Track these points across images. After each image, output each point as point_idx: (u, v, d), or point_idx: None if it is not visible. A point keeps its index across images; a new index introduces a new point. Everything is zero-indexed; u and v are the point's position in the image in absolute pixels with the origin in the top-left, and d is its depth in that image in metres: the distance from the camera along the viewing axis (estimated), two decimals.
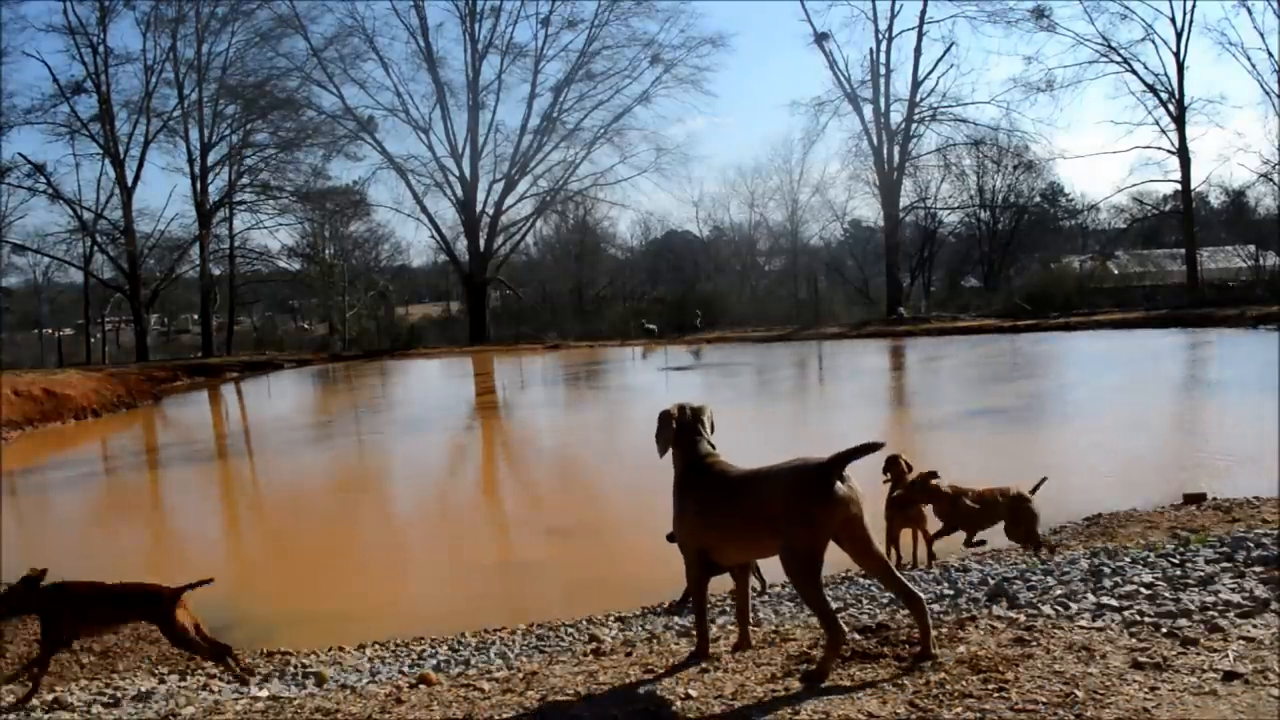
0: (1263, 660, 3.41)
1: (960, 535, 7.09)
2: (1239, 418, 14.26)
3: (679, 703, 3.52)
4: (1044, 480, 7.12)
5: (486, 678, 4.24)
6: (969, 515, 6.93)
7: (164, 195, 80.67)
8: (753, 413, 18.65)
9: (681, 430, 4.08)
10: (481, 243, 43.93)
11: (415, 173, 43.58)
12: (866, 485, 3.79)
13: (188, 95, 39.56)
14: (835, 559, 3.92)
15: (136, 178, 39.13)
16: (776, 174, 50.25)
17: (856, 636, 4.05)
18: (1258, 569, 4.55)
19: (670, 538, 4.26)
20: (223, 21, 39.59)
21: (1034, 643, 3.78)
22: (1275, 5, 36.73)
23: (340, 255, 46.59)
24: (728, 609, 5.16)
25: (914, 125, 42.82)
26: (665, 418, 4.13)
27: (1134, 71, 38.92)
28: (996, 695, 3.27)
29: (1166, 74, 38.44)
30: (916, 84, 42.09)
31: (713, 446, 4.09)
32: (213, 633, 7.33)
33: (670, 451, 4.12)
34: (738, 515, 3.79)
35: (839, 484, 3.54)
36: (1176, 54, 37.93)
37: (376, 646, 6.45)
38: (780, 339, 35.74)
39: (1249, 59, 41.51)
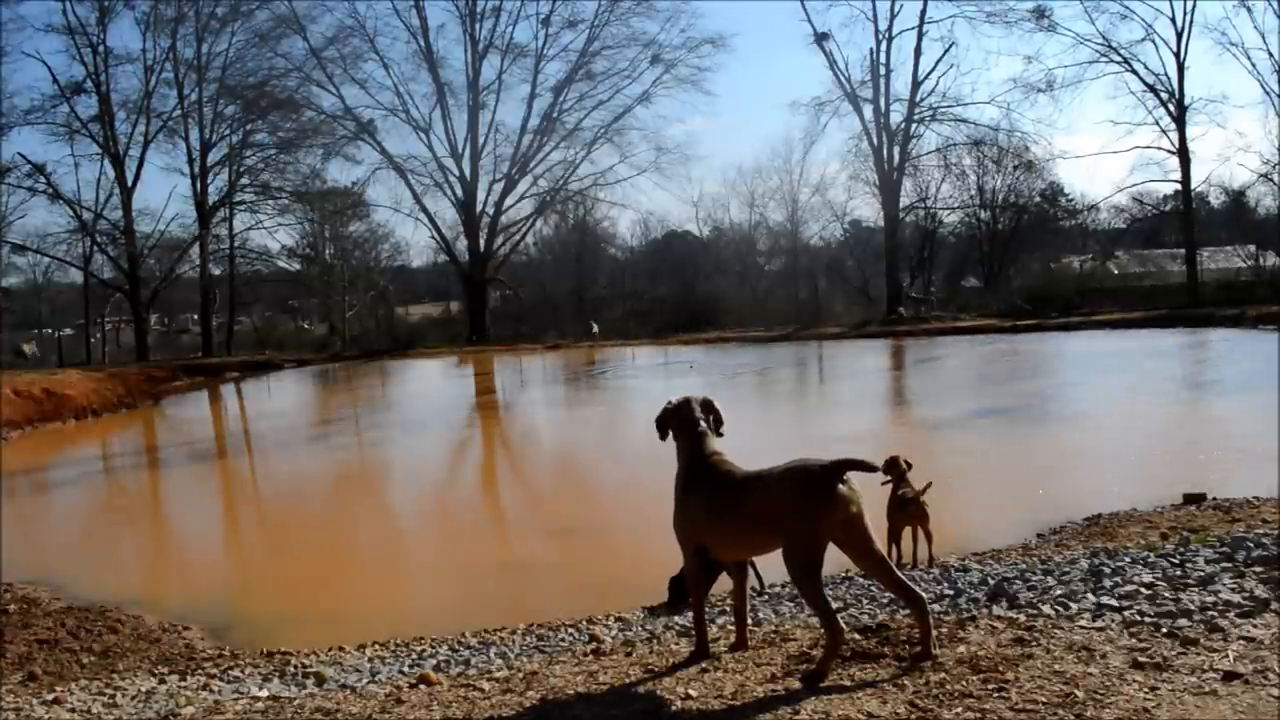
0: (1263, 660, 3.41)
1: (959, 534, 7.09)
2: (1239, 418, 14.26)
3: (679, 703, 3.52)
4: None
5: (486, 678, 4.24)
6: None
7: (164, 195, 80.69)
8: (754, 413, 18.64)
9: (686, 425, 4.08)
10: (481, 242, 43.95)
11: (415, 173, 43.70)
12: (867, 485, 3.80)
13: (188, 95, 39.67)
14: (837, 559, 3.92)
15: (136, 178, 39.25)
16: (776, 174, 50.08)
17: (856, 636, 4.05)
18: (1258, 569, 4.55)
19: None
20: (222, 21, 39.67)
21: (1034, 643, 3.78)
22: (1275, 5, 36.65)
23: (340, 255, 46.59)
24: (727, 609, 5.16)
25: (914, 125, 42.92)
26: (669, 410, 4.14)
27: (1134, 71, 39.00)
28: (996, 695, 3.27)
29: (1166, 74, 38.53)
30: (916, 84, 42.18)
31: (719, 436, 4.12)
32: (214, 632, 7.36)
33: (675, 446, 4.13)
34: (740, 514, 3.80)
35: (840, 485, 3.58)
36: (1176, 54, 38.00)
37: (376, 646, 6.44)
38: (780, 339, 35.74)
39: (1249, 59, 41.40)
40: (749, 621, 4.34)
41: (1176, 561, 4.90)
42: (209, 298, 41.31)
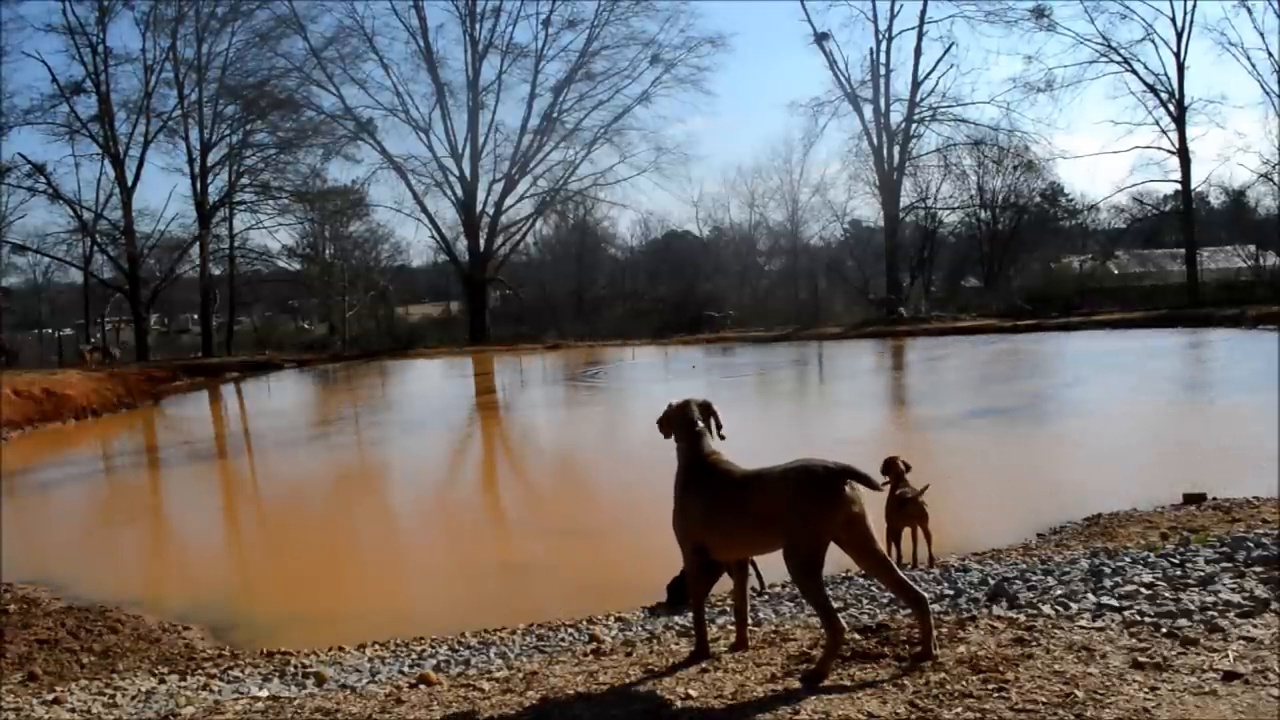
0: (1263, 660, 3.41)
1: (959, 534, 7.09)
2: (1239, 418, 14.26)
3: (679, 703, 3.52)
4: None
5: (486, 678, 4.24)
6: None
7: (164, 195, 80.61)
8: (754, 413, 18.64)
9: (686, 426, 4.10)
10: (481, 243, 43.92)
11: (415, 173, 43.64)
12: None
13: (188, 95, 39.60)
14: (837, 559, 3.92)
15: (136, 178, 39.19)
16: (776, 174, 49.95)
17: (856, 636, 4.05)
18: (1258, 569, 4.55)
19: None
20: (222, 21, 39.61)
21: (1034, 643, 3.78)
22: (1275, 5, 36.63)
23: (340, 255, 46.58)
24: (728, 609, 5.16)
25: (914, 125, 42.88)
26: (670, 412, 4.16)
27: (1134, 71, 38.96)
28: (996, 695, 3.27)
29: (1166, 74, 38.48)
30: (916, 84, 42.15)
31: (721, 439, 4.14)
32: (215, 632, 7.36)
33: (675, 446, 4.14)
34: (740, 514, 3.81)
35: (843, 486, 3.59)
36: (1176, 54, 37.96)
37: (376, 646, 6.45)
38: (780, 339, 35.75)
39: (1249, 59, 41.23)
40: (749, 621, 4.34)
41: (1176, 561, 4.90)
42: (209, 298, 41.29)
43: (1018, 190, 45.94)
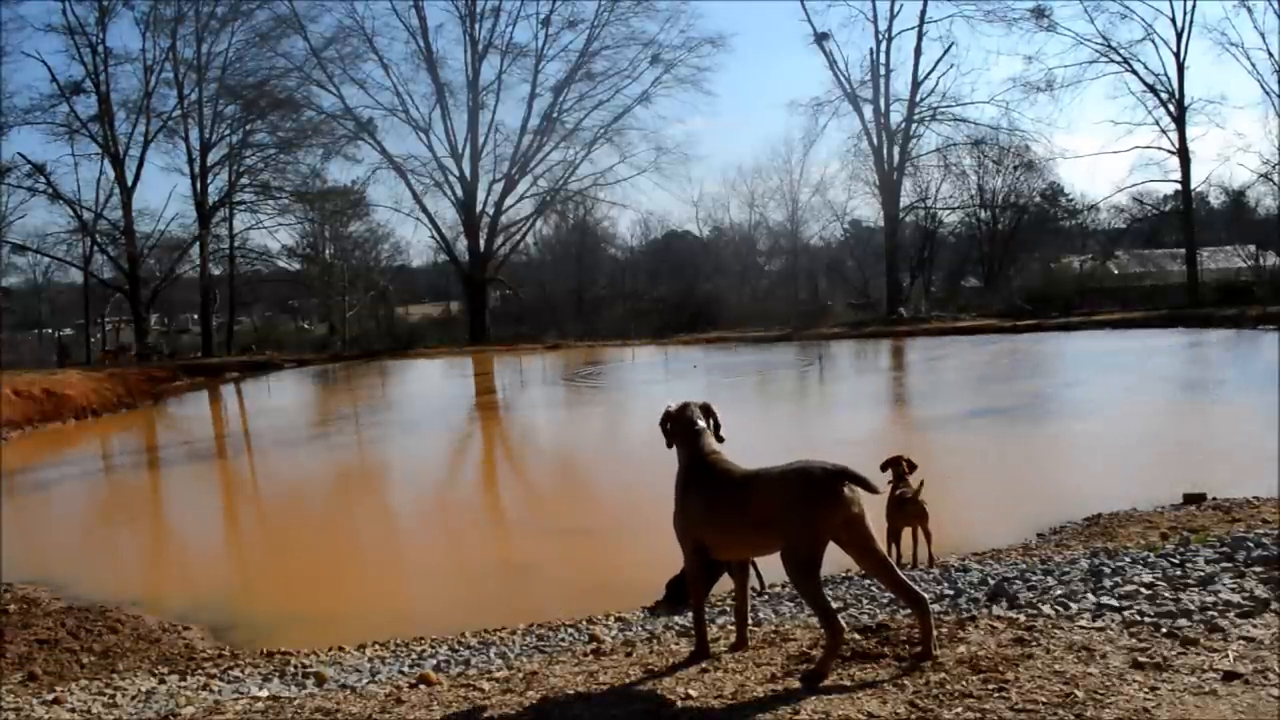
0: (1263, 660, 3.41)
1: (959, 534, 7.08)
2: (1239, 418, 14.26)
3: (679, 703, 3.52)
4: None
5: (486, 678, 4.23)
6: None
7: (164, 195, 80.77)
8: (754, 413, 18.64)
9: (684, 427, 4.10)
10: (481, 242, 43.95)
11: (415, 173, 43.73)
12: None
13: (188, 95, 39.66)
14: (838, 559, 3.92)
15: (136, 178, 39.26)
16: (776, 174, 50.29)
17: (856, 636, 4.05)
18: (1258, 569, 4.54)
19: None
20: (222, 21, 39.67)
21: (1034, 643, 3.77)
22: (1275, 5, 36.64)
23: (340, 255, 46.60)
24: (728, 609, 5.16)
25: (914, 125, 42.93)
26: (666, 415, 4.17)
27: (1134, 71, 39.02)
28: (996, 695, 3.26)
29: (1166, 74, 38.53)
30: (916, 84, 42.21)
31: (720, 440, 4.13)
32: (215, 632, 7.36)
33: (676, 447, 4.15)
34: (739, 514, 3.81)
35: (842, 487, 3.59)
36: (1176, 54, 38.01)
37: (376, 646, 6.45)
38: (780, 339, 35.76)
39: (1249, 59, 41.54)
40: (749, 621, 4.34)
41: (1176, 561, 4.90)
42: (209, 298, 41.31)
43: (1018, 190, 46.10)
